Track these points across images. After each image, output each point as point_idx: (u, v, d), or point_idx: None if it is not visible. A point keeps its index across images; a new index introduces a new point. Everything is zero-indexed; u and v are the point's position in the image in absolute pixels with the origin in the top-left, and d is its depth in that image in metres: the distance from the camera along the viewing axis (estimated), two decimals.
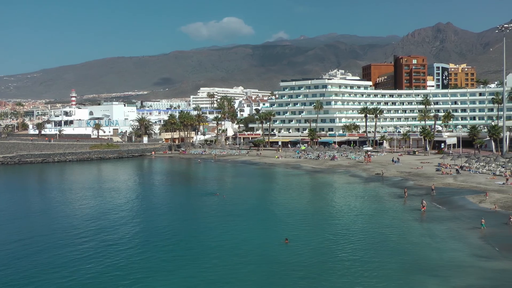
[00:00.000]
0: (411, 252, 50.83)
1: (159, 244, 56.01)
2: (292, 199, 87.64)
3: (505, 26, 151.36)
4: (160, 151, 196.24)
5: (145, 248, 54.48)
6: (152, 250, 53.32)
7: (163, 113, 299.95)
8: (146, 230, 64.04)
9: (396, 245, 53.83)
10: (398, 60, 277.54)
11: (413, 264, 46.80)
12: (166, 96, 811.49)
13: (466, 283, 41.54)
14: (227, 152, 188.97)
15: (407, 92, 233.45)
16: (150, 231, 63.20)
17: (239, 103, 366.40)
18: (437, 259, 47.94)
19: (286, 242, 54.48)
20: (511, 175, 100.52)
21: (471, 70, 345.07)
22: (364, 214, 73.12)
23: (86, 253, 52.06)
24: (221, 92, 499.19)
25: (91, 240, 57.63)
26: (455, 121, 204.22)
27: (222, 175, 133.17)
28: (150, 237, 59.73)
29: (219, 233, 61.31)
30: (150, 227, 65.34)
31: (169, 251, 53.24)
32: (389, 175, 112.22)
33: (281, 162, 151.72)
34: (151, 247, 54.55)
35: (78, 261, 49.44)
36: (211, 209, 78.52)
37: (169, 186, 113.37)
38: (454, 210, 71.90)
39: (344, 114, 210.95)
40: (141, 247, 54.80)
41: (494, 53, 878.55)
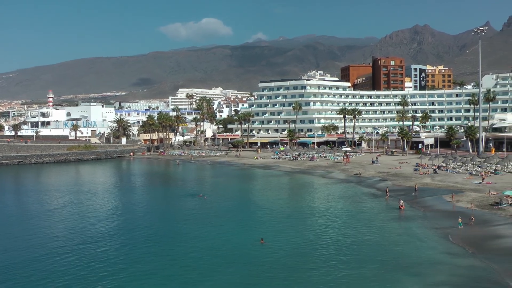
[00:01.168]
0: (388, 251, 51.20)
1: (138, 245, 55.70)
2: (270, 200, 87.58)
3: (480, 29, 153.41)
4: (138, 152, 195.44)
5: (124, 249, 54.09)
6: (131, 252, 52.98)
7: (142, 114, 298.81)
8: (125, 232, 63.47)
9: (374, 244, 54.16)
10: (376, 62, 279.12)
11: (390, 262, 47.10)
12: (144, 97, 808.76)
13: (441, 280, 41.97)
14: (206, 153, 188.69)
15: (385, 93, 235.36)
16: (128, 232, 62.69)
17: (218, 104, 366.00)
18: (415, 257, 48.38)
19: (262, 242, 54.59)
20: (487, 174, 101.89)
21: (448, 71, 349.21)
22: (342, 214, 73.41)
23: (62, 256, 51.24)
24: (200, 93, 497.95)
25: (67, 244, 56.80)
26: (432, 122, 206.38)
27: (201, 176, 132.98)
28: (129, 238, 59.31)
29: (197, 234, 61.18)
30: (128, 229, 64.80)
31: (148, 252, 52.96)
32: (367, 175, 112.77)
33: (260, 163, 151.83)
34: (130, 249, 54.20)
35: (53, 264, 48.74)
36: (190, 210, 78.16)
37: (148, 187, 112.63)
38: (431, 209, 72.55)
39: (323, 115, 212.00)
40: (120, 249, 54.39)
41: (470, 55, 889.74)
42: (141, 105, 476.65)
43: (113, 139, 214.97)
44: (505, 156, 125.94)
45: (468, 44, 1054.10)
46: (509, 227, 58.62)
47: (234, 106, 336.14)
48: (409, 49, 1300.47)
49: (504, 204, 69.47)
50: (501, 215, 64.49)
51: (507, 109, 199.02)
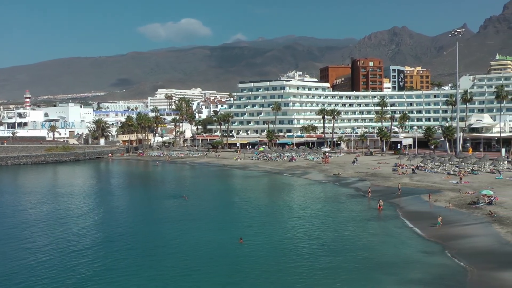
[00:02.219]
0: (365, 250, 51.50)
1: (117, 247, 55.28)
2: (250, 200, 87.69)
3: (457, 31, 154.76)
4: (117, 153, 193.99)
5: (104, 251, 53.62)
6: (111, 254, 52.53)
7: (121, 114, 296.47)
8: (104, 234, 62.91)
9: (351, 244, 54.47)
10: (355, 63, 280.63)
11: (367, 261, 47.35)
12: (123, 98, 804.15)
13: (415, 278, 42.28)
14: (186, 154, 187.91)
15: (364, 94, 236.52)
16: (108, 235, 62.13)
17: (197, 105, 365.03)
18: (391, 256, 48.72)
19: (241, 241, 54.62)
20: (464, 174, 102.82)
21: (426, 72, 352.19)
22: (321, 214, 73.71)
23: (42, 260, 50.51)
24: (179, 94, 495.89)
25: (46, 247, 55.97)
26: (411, 122, 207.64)
27: (181, 177, 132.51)
28: (109, 240, 58.80)
29: (176, 234, 61.07)
30: (108, 231, 64.20)
31: (128, 253, 52.64)
32: (346, 176, 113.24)
33: (239, 164, 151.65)
34: (110, 251, 53.75)
35: (31, 268, 48.00)
36: (170, 211, 78.09)
37: (127, 189, 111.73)
38: (410, 209, 73.09)
39: (302, 115, 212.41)
40: (100, 251, 53.89)
41: (448, 56, 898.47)
42: (120, 106, 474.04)
43: (92, 140, 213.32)
44: (482, 156, 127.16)
45: (446, 46, 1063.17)
46: (484, 226, 59.23)
47: (213, 106, 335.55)
48: (388, 50, 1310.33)
49: (481, 203, 70.17)
50: (478, 213, 65.13)
51: (484, 109, 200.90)
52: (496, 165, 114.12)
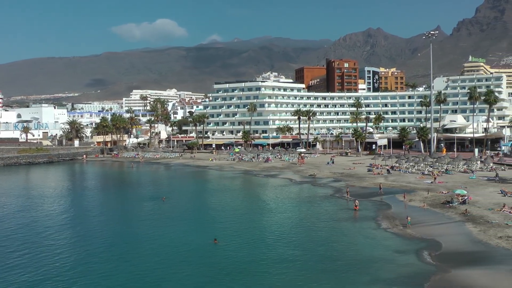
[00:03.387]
0: (339, 250, 51.47)
1: (92, 250, 54.44)
2: (225, 201, 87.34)
3: (431, 33, 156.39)
4: (91, 155, 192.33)
5: (79, 254, 52.74)
6: (84, 257, 51.76)
7: (95, 115, 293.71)
8: (77, 236, 61.91)
9: (326, 244, 54.42)
10: (330, 64, 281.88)
11: (341, 261, 47.36)
12: (98, 98, 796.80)
13: (384, 277, 42.33)
14: (161, 155, 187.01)
15: (339, 95, 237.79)
16: (83, 237, 61.18)
17: (172, 106, 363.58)
18: (365, 256, 48.75)
19: (215, 242, 54.41)
20: (438, 174, 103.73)
21: (400, 74, 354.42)
22: (297, 214, 73.61)
23: (11, 265, 49.36)
24: (154, 95, 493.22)
25: (15, 252, 54.63)
26: (385, 123, 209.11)
27: (156, 179, 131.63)
28: (84, 243, 57.84)
29: (151, 236, 60.53)
30: (81, 234, 63.21)
31: (102, 255, 51.99)
32: (322, 176, 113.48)
33: (215, 165, 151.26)
34: (85, 253, 52.91)
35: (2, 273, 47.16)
36: (145, 213, 77.32)
37: (101, 191, 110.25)
38: (384, 208, 73.42)
39: (278, 116, 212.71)
40: (72, 254, 52.98)
41: (422, 58, 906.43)
42: (94, 107, 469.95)
43: (66, 142, 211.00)
44: (455, 156, 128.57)
45: (420, 48, 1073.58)
46: (457, 225, 59.72)
47: (188, 107, 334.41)
48: (363, 51, 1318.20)
49: (455, 202, 70.77)
50: (451, 213, 65.63)
51: (457, 110, 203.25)
52: (470, 165, 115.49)
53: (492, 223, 58.59)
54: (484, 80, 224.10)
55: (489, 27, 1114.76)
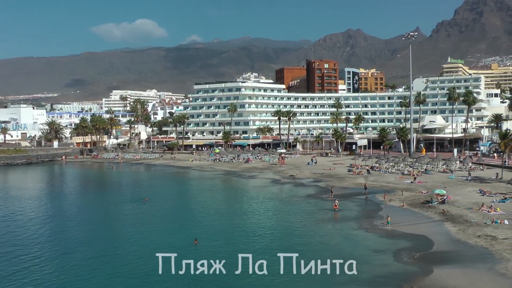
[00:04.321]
0: (320, 250, 51.26)
1: (70, 253, 53.80)
2: (205, 202, 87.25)
3: (410, 34, 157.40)
4: (71, 156, 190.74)
5: (56, 257, 52.09)
6: (63, 260, 51.08)
7: (74, 116, 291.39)
8: (57, 239, 61.06)
9: (307, 245, 54.28)
10: (310, 64, 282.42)
11: (321, 262, 47.21)
12: (77, 99, 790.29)
13: (364, 277, 42.25)
14: (141, 155, 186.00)
15: (319, 96, 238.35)
16: (61, 240, 60.32)
17: (152, 106, 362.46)
18: (347, 256, 48.52)
19: (196, 243, 54.17)
20: (418, 174, 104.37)
21: (380, 75, 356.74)
22: (277, 215, 73.59)
23: None
24: (134, 95, 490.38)
25: None
26: (365, 124, 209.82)
27: (136, 180, 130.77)
28: (61, 246, 57.02)
29: (131, 237, 60.18)
30: (60, 236, 62.39)
31: (81, 257, 51.55)
32: (302, 177, 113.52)
33: (195, 165, 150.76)
34: (63, 257, 52.22)
35: None
36: (125, 214, 76.90)
37: (80, 192, 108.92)
38: (364, 208, 73.68)
39: (258, 117, 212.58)
40: (51, 257, 52.28)
41: (401, 59, 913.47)
42: (73, 107, 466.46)
43: (45, 143, 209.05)
44: (435, 156, 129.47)
45: (399, 49, 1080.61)
46: (436, 224, 60.10)
47: (169, 108, 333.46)
48: (343, 52, 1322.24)
49: (435, 202, 71.17)
50: (431, 212, 65.98)
51: (436, 111, 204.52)
52: (449, 165, 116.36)
53: (471, 222, 59.01)
54: (463, 81, 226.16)
55: (467, 28, 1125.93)
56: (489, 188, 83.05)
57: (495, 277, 40.43)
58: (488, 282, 37.56)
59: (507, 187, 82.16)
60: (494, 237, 51.98)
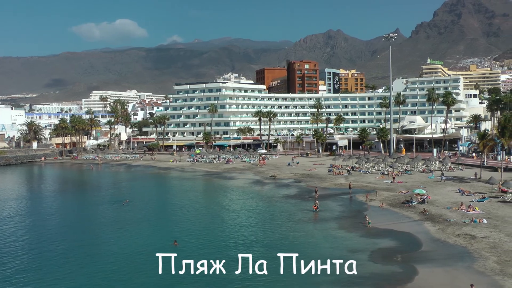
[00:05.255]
0: (300, 250, 50.95)
1: (48, 255, 53.12)
2: (185, 203, 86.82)
3: (390, 35, 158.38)
4: (50, 157, 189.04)
5: (33, 260, 51.44)
6: (40, 262, 50.45)
7: (54, 117, 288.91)
8: (35, 241, 60.35)
9: (287, 245, 54.10)
10: (291, 65, 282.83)
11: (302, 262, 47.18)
12: (57, 99, 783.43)
13: (349, 277, 42.10)
14: (121, 156, 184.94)
15: (299, 96, 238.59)
16: (38, 242, 59.53)
17: (132, 107, 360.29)
18: (327, 256, 48.57)
19: (175, 244, 53.83)
20: (397, 174, 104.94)
21: (360, 75, 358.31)
22: (257, 215, 73.49)
23: None
24: (114, 96, 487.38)
25: None
26: (346, 124, 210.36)
27: (116, 181, 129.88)
28: (39, 249, 56.23)
29: (110, 239, 59.70)
30: (38, 239, 61.59)
31: (59, 259, 51.02)
32: (283, 177, 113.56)
33: (176, 166, 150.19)
34: (40, 259, 51.54)
35: None
36: (105, 216, 76.27)
37: (59, 194, 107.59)
38: (345, 208, 73.89)
39: (239, 117, 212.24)
40: (29, 259, 51.65)
41: (381, 60, 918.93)
42: (53, 108, 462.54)
43: (24, 144, 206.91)
44: (414, 156, 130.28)
45: (379, 50, 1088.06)
46: (416, 223, 60.47)
47: (149, 109, 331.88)
48: (323, 53, 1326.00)
49: (414, 202, 71.60)
50: (411, 212, 66.34)
51: (416, 111, 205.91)
52: (428, 165, 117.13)
53: (450, 222, 59.51)
54: (442, 82, 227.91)
55: (446, 30, 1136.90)
56: (468, 187, 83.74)
57: (473, 275, 40.72)
58: (467, 280, 37.79)
59: (486, 187, 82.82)
60: (473, 236, 52.45)
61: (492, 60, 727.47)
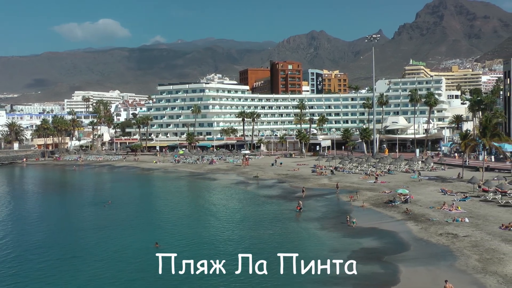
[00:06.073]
0: (284, 250, 50.96)
1: (29, 257, 52.62)
2: (169, 203, 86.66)
3: (373, 36, 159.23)
4: (32, 158, 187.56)
5: (14, 262, 50.96)
6: (22, 264, 50.07)
7: (36, 117, 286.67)
8: (16, 243, 59.71)
9: (269, 245, 54.22)
10: (274, 66, 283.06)
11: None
12: (38, 100, 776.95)
13: (331, 277, 42.17)
14: (104, 157, 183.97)
15: (283, 97, 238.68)
16: (20, 244, 59.00)
17: (115, 107, 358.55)
18: (311, 256, 48.56)
19: (157, 246, 53.52)
20: (381, 174, 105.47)
21: (343, 76, 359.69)
22: (240, 216, 73.43)
23: None
24: (97, 96, 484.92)
25: None
26: (329, 125, 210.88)
27: (99, 182, 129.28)
28: (20, 250, 55.85)
29: (91, 241, 59.21)
30: (20, 241, 61.06)
31: (39, 262, 50.52)
32: (266, 178, 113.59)
33: (159, 167, 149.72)
34: (21, 261, 51.11)
35: None
36: (87, 218, 75.71)
37: (41, 195, 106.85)
38: (328, 209, 74.05)
39: (222, 118, 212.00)
40: (10, 262, 51.19)
41: (364, 61, 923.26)
42: (34, 108, 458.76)
43: (4, 145, 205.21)
44: (397, 156, 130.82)
45: (362, 51, 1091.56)
46: (399, 223, 60.70)
47: (132, 109, 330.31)
48: (306, 54, 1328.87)
49: (397, 201, 71.95)
50: (394, 212, 66.67)
51: (399, 112, 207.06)
52: (411, 165, 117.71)
53: (433, 221, 59.85)
54: (425, 82, 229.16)
55: (428, 31, 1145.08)
56: (450, 187, 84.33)
57: (455, 274, 40.95)
58: (450, 279, 37.96)
59: (468, 186, 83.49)
60: (455, 235, 52.79)
61: (473, 61, 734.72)
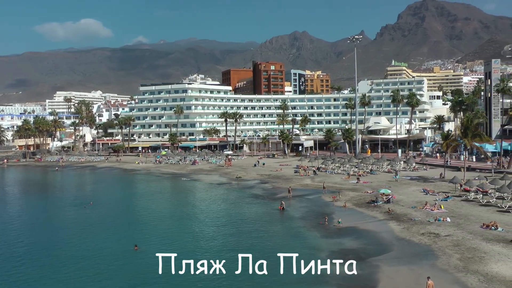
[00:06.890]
0: (267, 251, 50.93)
1: (7, 259, 52.14)
2: (151, 205, 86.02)
3: (355, 37, 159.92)
4: (13, 159, 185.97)
5: None
6: None
7: (17, 118, 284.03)
8: None
9: (251, 245, 54.25)
10: (256, 66, 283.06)
11: (269, 262, 46.94)
12: (19, 100, 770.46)
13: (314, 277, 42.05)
14: (86, 158, 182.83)
15: (265, 97, 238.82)
16: None
17: (97, 108, 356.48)
18: None
19: (136, 249, 53.15)
20: (363, 174, 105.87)
21: (326, 77, 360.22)
22: (223, 217, 73.07)
23: None
24: (79, 96, 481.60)
25: None
26: (311, 125, 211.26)
27: (81, 183, 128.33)
28: None
29: (70, 243, 58.63)
30: None
31: (17, 264, 50.09)
32: (249, 178, 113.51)
33: (141, 168, 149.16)
34: None
35: None
36: (67, 220, 74.86)
37: (22, 197, 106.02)
38: (310, 209, 74.13)
39: (205, 118, 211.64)
40: None
41: (347, 61, 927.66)
42: (15, 109, 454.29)
43: None
44: (380, 156, 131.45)
45: (345, 51, 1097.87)
46: (381, 223, 60.93)
47: (114, 110, 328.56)
48: (289, 54, 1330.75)
49: (380, 201, 72.20)
50: (376, 212, 66.90)
51: (381, 112, 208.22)
52: (393, 165, 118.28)
53: (415, 221, 60.13)
54: (407, 83, 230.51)
55: (410, 33, 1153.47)
56: (432, 187, 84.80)
57: (437, 273, 41.12)
58: (431, 278, 38.11)
59: (449, 186, 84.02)
60: (437, 235, 53.07)
61: (454, 62, 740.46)
